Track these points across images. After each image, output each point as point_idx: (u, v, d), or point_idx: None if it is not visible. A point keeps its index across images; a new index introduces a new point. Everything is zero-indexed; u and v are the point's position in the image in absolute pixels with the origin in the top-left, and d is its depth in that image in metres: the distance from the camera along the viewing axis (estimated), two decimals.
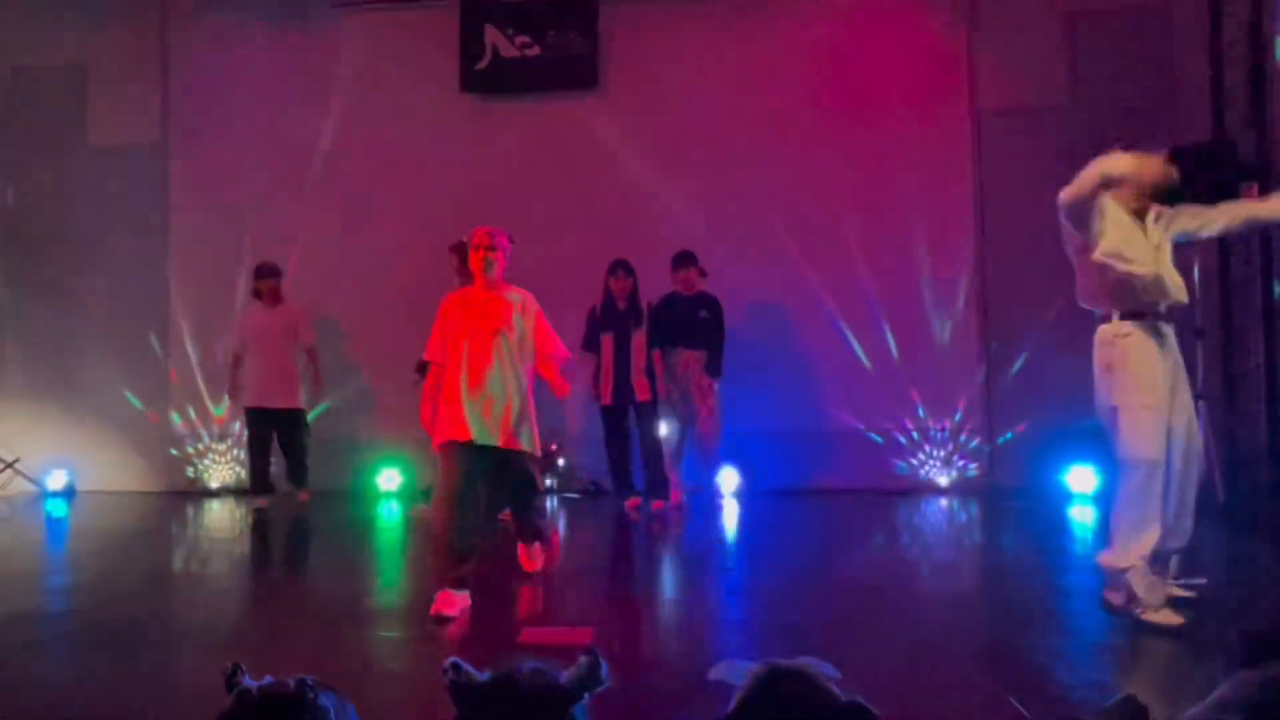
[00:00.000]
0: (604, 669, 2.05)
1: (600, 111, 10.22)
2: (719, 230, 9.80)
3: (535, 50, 10.23)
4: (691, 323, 8.97)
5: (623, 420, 8.96)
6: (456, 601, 5.46)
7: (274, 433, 9.53)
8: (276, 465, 9.62)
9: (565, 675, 2.07)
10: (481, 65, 10.26)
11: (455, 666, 2.00)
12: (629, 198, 10.10)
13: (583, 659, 2.07)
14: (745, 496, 9.33)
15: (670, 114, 10.16)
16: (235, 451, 10.41)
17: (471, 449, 5.62)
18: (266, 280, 9.46)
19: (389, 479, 10.11)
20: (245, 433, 9.62)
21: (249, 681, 2.14)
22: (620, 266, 8.82)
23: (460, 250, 8.06)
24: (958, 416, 9.78)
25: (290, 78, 10.50)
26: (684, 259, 9.05)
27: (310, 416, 9.75)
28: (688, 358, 9.01)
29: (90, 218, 10.61)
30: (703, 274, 9.07)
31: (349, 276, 10.17)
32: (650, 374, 8.96)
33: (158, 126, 10.65)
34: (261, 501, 9.34)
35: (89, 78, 10.64)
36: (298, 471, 9.69)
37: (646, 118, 10.19)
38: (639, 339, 8.84)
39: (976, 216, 9.80)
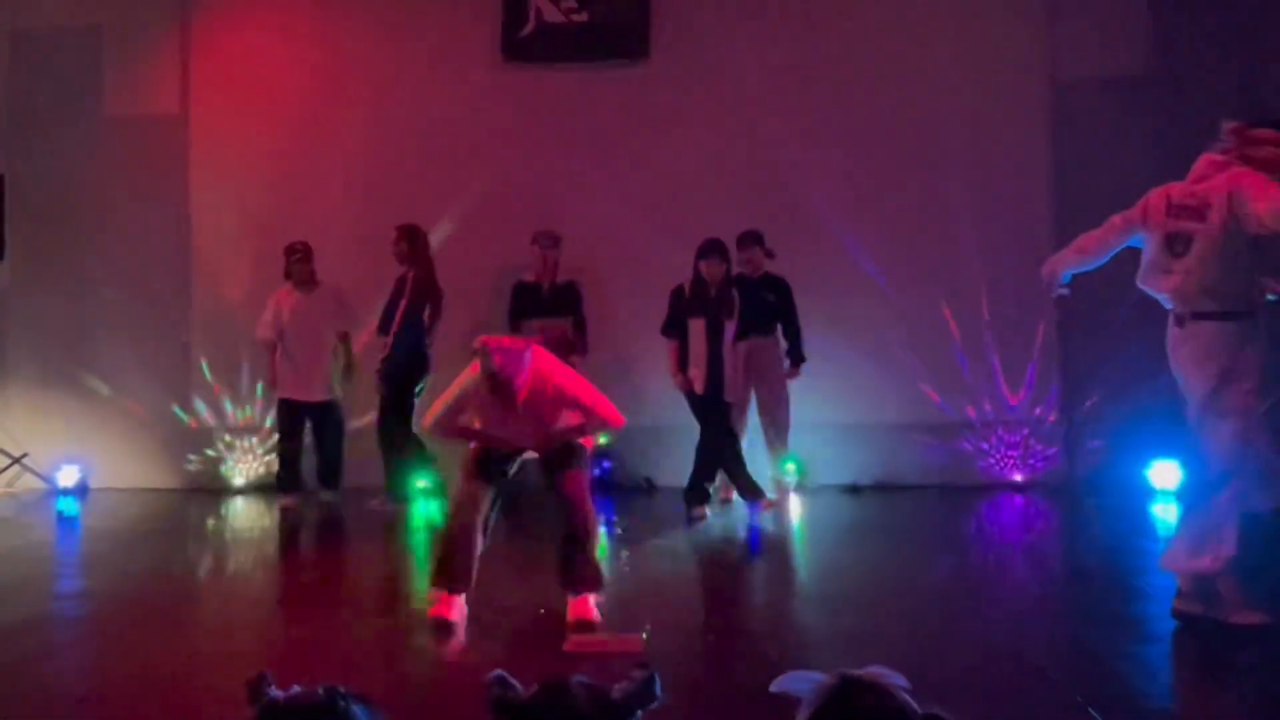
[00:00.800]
0: (658, 684, 2.00)
1: (651, 82, 10.15)
2: (775, 209, 9.66)
3: (583, 16, 10.17)
4: (760, 308, 8.88)
5: (724, 410, 8.62)
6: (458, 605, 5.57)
7: (306, 427, 9.55)
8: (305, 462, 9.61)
9: (617, 690, 2.02)
10: (525, 32, 10.19)
11: (500, 681, 1.96)
12: (678, 174, 10.03)
13: (636, 672, 2.03)
14: (809, 493, 9.26)
15: (725, 84, 10.08)
16: (264, 446, 10.34)
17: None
18: (299, 261, 9.45)
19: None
20: (276, 426, 9.61)
21: (275, 692, 2.12)
22: (715, 250, 8.43)
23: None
24: (1033, 408, 9.73)
25: (321, 45, 10.46)
26: (748, 239, 8.97)
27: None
28: (756, 346, 8.94)
29: (106, 193, 10.57)
30: (769, 255, 9.01)
31: (383, 257, 10.12)
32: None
33: (178, 96, 10.57)
34: (288, 500, 9.35)
35: (105, 41, 10.57)
36: (331, 470, 9.62)
37: (699, 89, 10.10)
38: (733, 329, 8.57)
39: (1053, 193, 9.69)
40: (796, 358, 8.96)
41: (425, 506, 8.98)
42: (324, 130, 10.42)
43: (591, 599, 5.47)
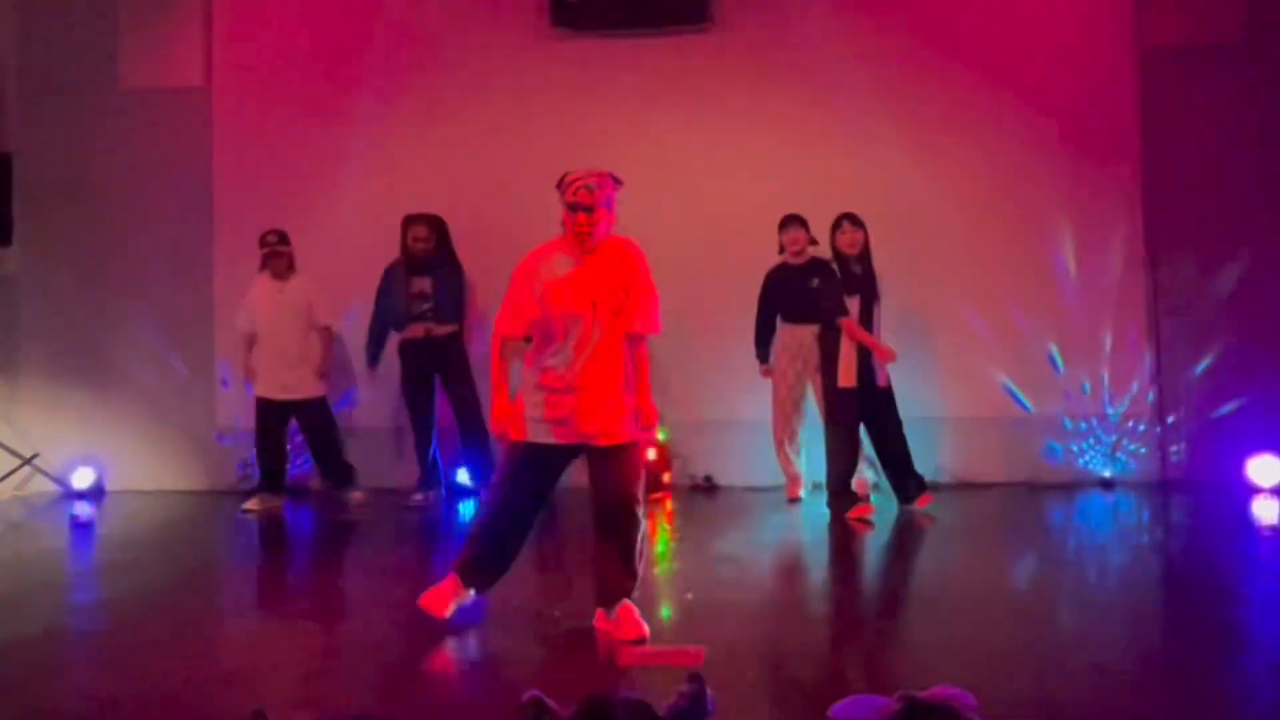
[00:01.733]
0: (709, 699, 1.95)
1: (711, 51, 10.00)
2: (845, 188, 9.48)
3: None
4: (802, 294, 8.87)
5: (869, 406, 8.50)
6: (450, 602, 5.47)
7: (288, 427, 9.55)
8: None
9: (665, 707, 1.97)
10: None
11: (537, 703, 1.92)
12: (739, 149, 9.92)
13: (686, 687, 2.00)
14: (884, 492, 9.07)
15: (791, 54, 9.91)
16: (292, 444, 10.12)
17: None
18: (271, 255, 9.39)
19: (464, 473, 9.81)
20: (255, 425, 9.51)
21: None
22: (847, 217, 8.49)
23: None
24: (1123, 399, 9.58)
25: (355, 9, 10.33)
26: (791, 221, 9.03)
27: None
28: (801, 334, 8.97)
29: (122, 172, 10.45)
30: (814, 241, 8.96)
31: None
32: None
33: (201, 66, 10.46)
34: (253, 503, 9.27)
35: (121, 8, 10.45)
36: (334, 469, 9.65)
37: (764, 58, 9.94)
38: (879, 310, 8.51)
39: (1142, 168, 9.57)
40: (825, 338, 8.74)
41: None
42: (357, 101, 10.27)
43: (635, 610, 5.25)
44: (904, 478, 8.53)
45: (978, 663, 4.77)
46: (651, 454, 8.65)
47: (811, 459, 9.09)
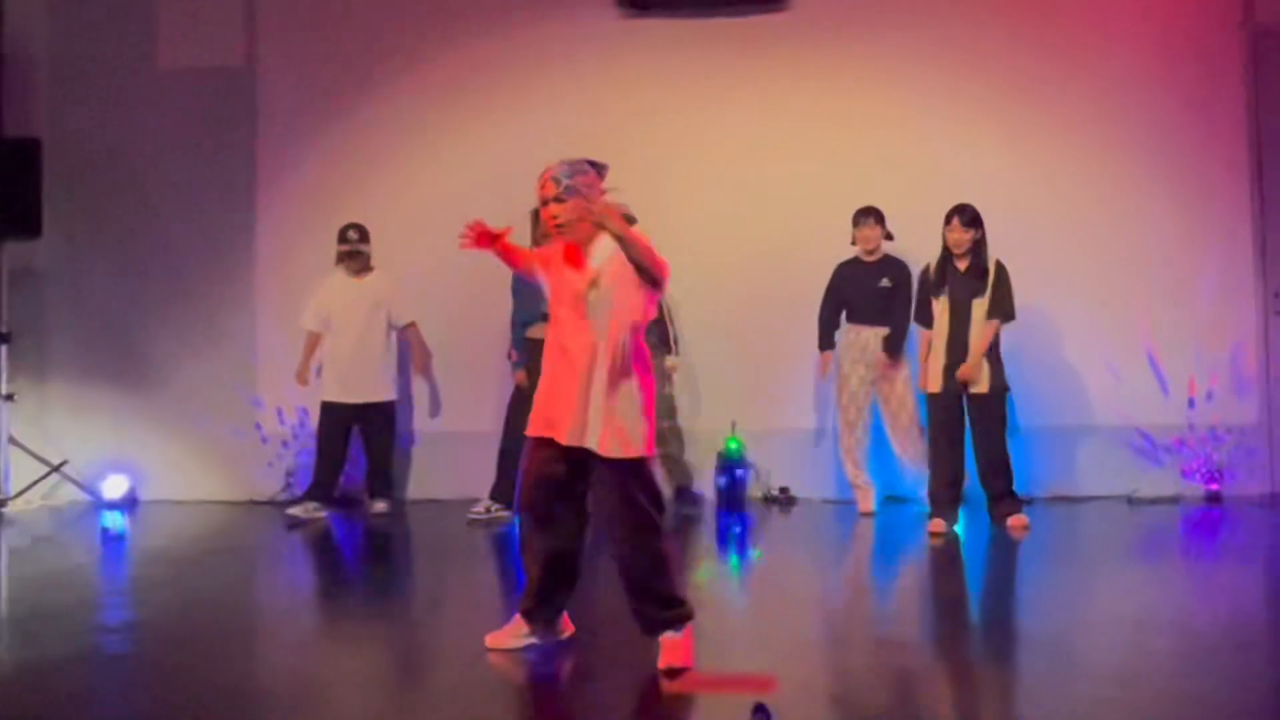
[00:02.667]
0: None
1: (790, 34, 9.90)
2: (926, 182, 9.45)
3: None
4: (871, 293, 8.95)
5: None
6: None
7: (352, 432, 9.59)
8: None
9: None
10: None
11: None
12: (815, 137, 9.83)
13: (751, 717, 1.77)
14: (969, 504, 8.90)
15: (876, 38, 9.83)
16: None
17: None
18: (354, 247, 9.46)
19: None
20: (317, 430, 9.64)
21: None
22: (958, 211, 8.24)
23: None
24: (1231, 407, 9.44)
25: None
26: (865, 215, 9.03)
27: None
28: (866, 336, 8.96)
29: (159, 159, 10.39)
30: (889, 236, 8.99)
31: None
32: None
33: (243, 46, 10.41)
34: (299, 509, 9.30)
35: None
36: (382, 477, 9.70)
37: (846, 42, 9.87)
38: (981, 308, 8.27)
39: (1250, 155, 9.47)
40: (891, 348, 8.88)
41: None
42: (409, 83, 10.24)
43: (677, 638, 5.04)
44: (993, 494, 8.28)
45: (1067, 691, 4.66)
46: None
47: (884, 470, 9.17)
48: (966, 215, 8.10)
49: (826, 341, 9.07)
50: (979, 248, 8.15)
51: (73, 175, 10.28)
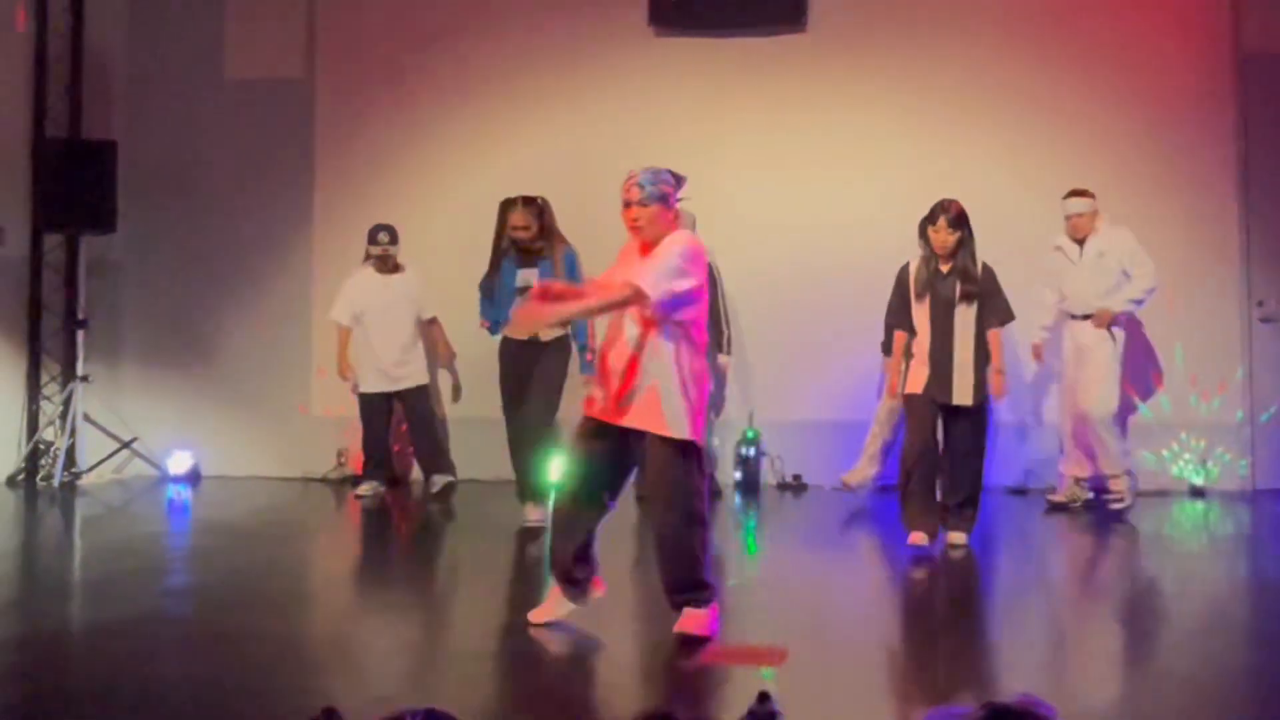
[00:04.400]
0: (779, 717, 1.87)
1: (807, 53, 9.92)
2: (938, 189, 9.20)
3: None
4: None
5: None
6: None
7: (393, 416, 9.71)
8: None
9: None
10: None
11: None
12: (833, 149, 9.84)
13: (756, 706, 1.92)
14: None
15: (888, 57, 9.84)
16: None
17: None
18: (385, 249, 9.48)
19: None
20: (362, 418, 9.62)
21: None
22: (943, 210, 7.18)
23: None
24: (1213, 406, 9.42)
25: (456, 9, 10.34)
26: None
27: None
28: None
29: (225, 162, 10.52)
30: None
31: None
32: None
33: (304, 58, 10.52)
34: (364, 488, 9.40)
35: (227, 0, 10.57)
36: (435, 454, 9.73)
37: (860, 61, 9.88)
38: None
39: (1239, 177, 9.46)
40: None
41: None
42: (456, 95, 10.27)
43: (696, 613, 5.07)
44: (954, 503, 7.16)
45: (1064, 670, 4.84)
46: None
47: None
48: (952, 214, 7.08)
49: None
50: (963, 249, 7.12)
51: (145, 175, 10.34)
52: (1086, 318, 8.51)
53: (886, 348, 8.06)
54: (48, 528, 9.01)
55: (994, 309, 7.18)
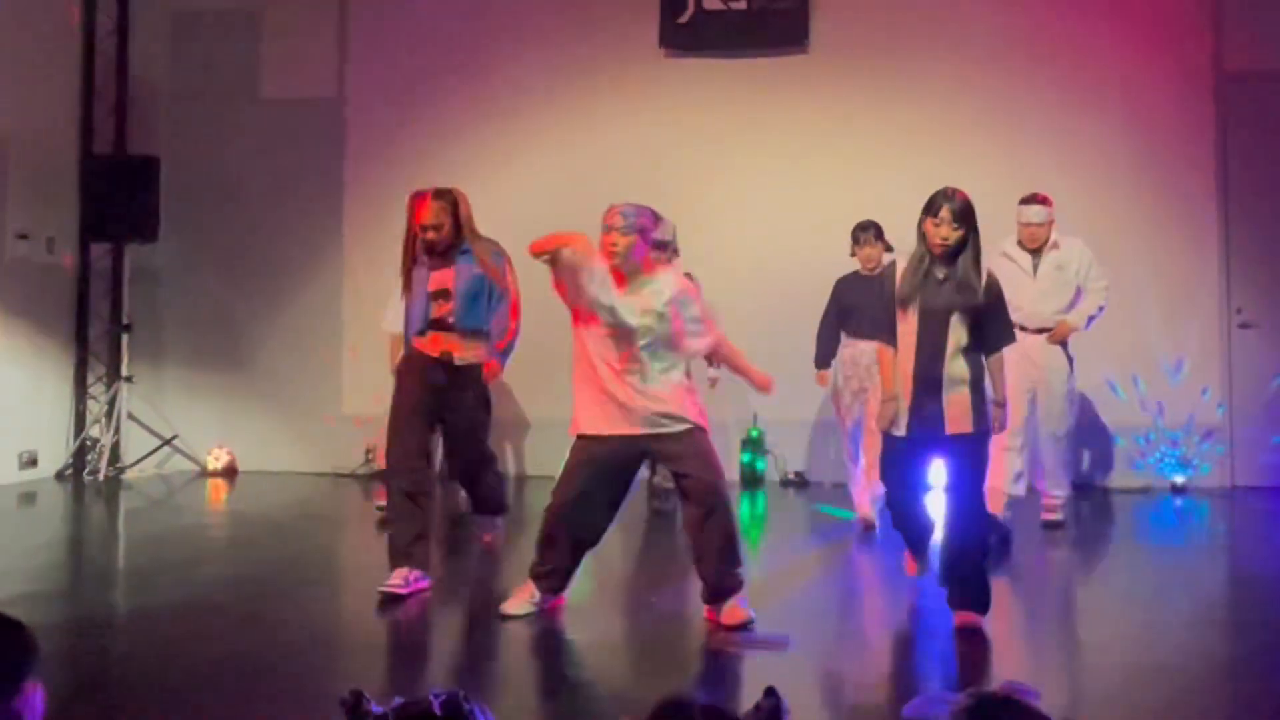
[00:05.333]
0: (785, 712, 2.00)
1: (810, 74, 9.99)
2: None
3: (741, 3, 9.99)
4: (876, 308, 7.26)
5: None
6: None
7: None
8: None
9: (743, 717, 2.01)
10: (683, 19, 10.07)
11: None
12: (835, 165, 9.90)
13: (763, 701, 2.01)
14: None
15: (886, 76, 9.89)
16: None
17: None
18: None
19: None
20: None
21: (376, 707, 2.04)
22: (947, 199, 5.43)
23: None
24: (1194, 407, 9.45)
25: (478, 31, 10.42)
26: (864, 231, 8.00)
27: None
28: (864, 349, 7.56)
29: (261, 176, 10.62)
30: (889, 249, 7.88)
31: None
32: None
33: (335, 79, 10.63)
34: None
35: (263, 23, 10.66)
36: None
37: (860, 80, 9.93)
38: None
39: (1219, 191, 9.51)
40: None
41: None
42: (477, 115, 10.34)
43: (727, 604, 5.24)
44: (959, 576, 5.39)
45: (1049, 661, 4.89)
46: None
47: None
48: (957, 204, 5.39)
49: (827, 359, 8.04)
50: (966, 251, 5.41)
51: (186, 189, 10.41)
52: (1040, 332, 7.51)
53: (824, 360, 8.05)
54: (94, 519, 9.15)
55: (998, 330, 5.52)
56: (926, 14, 9.89)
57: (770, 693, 2.01)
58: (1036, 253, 7.66)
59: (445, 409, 6.19)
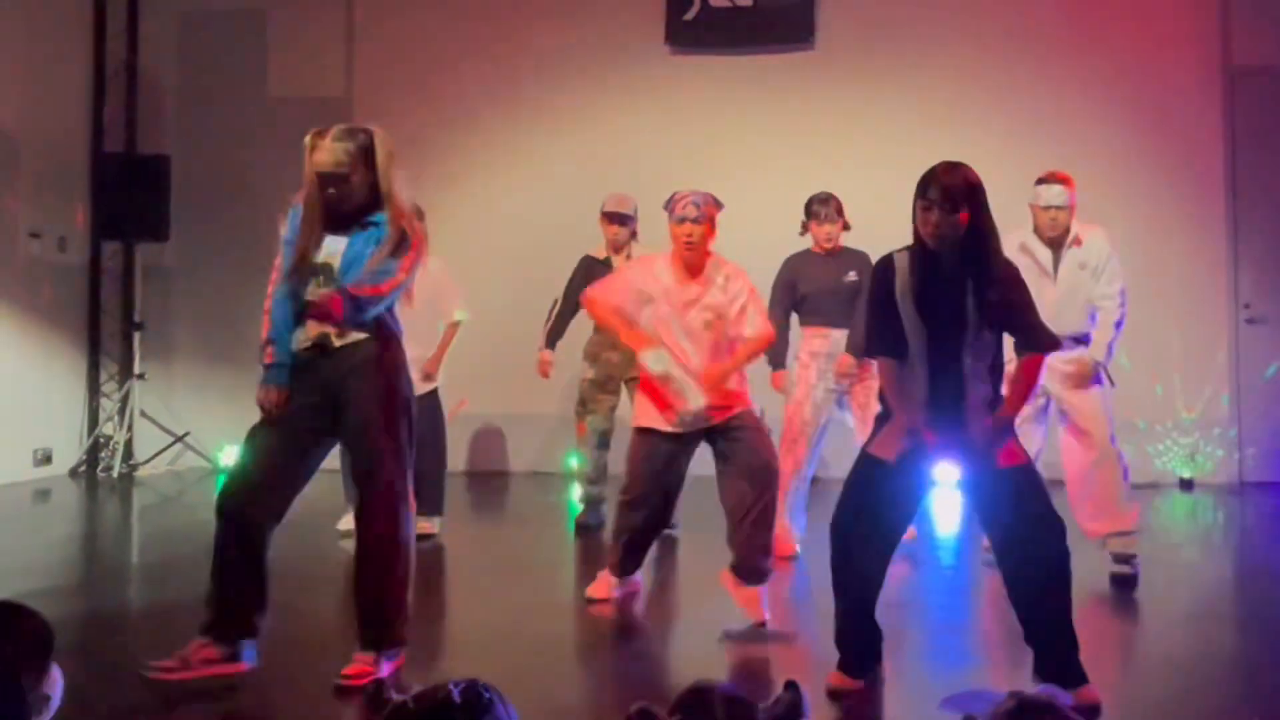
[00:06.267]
0: (807, 705, 1.97)
1: (815, 69, 10.00)
2: None
3: (747, 0, 10.03)
4: (836, 291, 6.76)
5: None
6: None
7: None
8: None
9: (763, 710, 1.99)
10: (689, 16, 10.11)
11: (644, 714, 1.93)
12: (843, 160, 9.74)
13: (783, 694, 2.00)
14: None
15: (891, 71, 9.88)
16: None
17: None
18: None
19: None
20: None
21: (397, 696, 2.04)
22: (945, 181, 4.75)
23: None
24: (1200, 402, 9.44)
25: (484, 29, 10.46)
26: (824, 204, 6.91)
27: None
28: (838, 338, 6.73)
29: (269, 175, 10.32)
30: (847, 226, 6.96)
31: (551, 247, 10.17)
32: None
33: (342, 78, 10.69)
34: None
35: (269, 24, 10.72)
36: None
37: (865, 75, 9.93)
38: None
39: (1227, 186, 9.51)
40: (856, 351, 6.48)
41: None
42: (484, 113, 10.39)
43: (755, 592, 5.23)
44: (1047, 652, 4.17)
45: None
46: None
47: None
48: (950, 184, 4.29)
49: (782, 356, 6.80)
50: (979, 241, 4.27)
51: (196, 188, 10.46)
52: (1076, 341, 6.15)
53: (778, 359, 6.74)
54: (108, 516, 9.17)
55: (1034, 333, 4.36)
56: (931, 9, 9.94)
57: (790, 685, 2.01)
58: (1057, 245, 6.26)
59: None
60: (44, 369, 10.16)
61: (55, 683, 2.29)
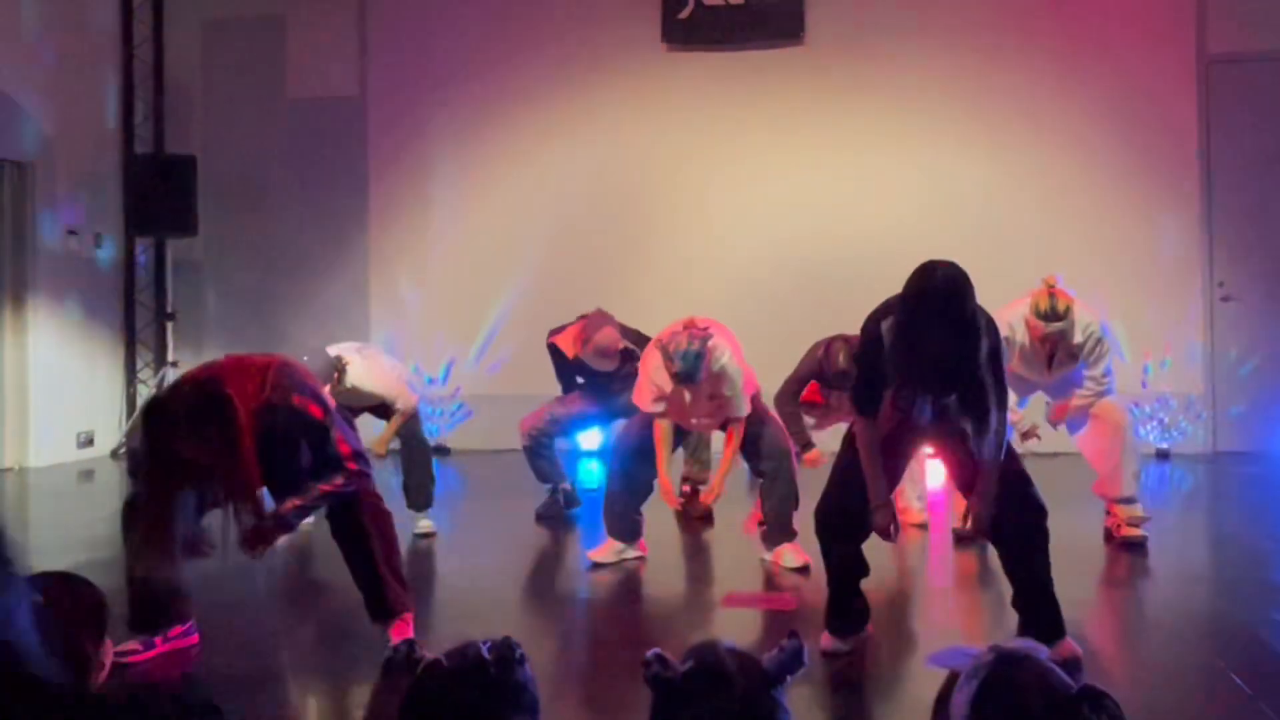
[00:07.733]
0: (806, 653, 2.03)
1: (805, 66, 9.98)
2: (929, 202, 9.57)
3: None
4: None
5: None
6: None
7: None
8: None
9: (767, 659, 2.05)
10: (684, 14, 10.17)
11: (659, 659, 1.97)
12: (833, 154, 9.91)
13: (786, 643, 2.04)
14: None
15: (878, 67, 9.86)
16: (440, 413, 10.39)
17: None
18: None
19: (589, 435, 9.23)
20: None
21: (428, 655, 2.02)
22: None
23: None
24: (1177, 375, 9.47)
25: (488, 30, 10.51)
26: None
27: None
28: None
29: (289, 173, 10.81)
30: None
31: (554, 246, 10.27)
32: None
33: (357, 79, 10.79)
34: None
35: (287, 28, 10.83)
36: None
37: (854, 71, 9.91)
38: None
39: (1203, 170, 9.51)
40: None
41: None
42: (495, 113, 10.41)
43: (780, 552, 5.62)
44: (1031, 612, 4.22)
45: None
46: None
47: None
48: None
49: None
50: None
51: (221, 186, 10.67)
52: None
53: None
54: None
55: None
56: (917, 5, 9.91)
57: (792, 634, 2.04)
58: (1050, 351, 6.01)
59: None
60: (85, 358, 10.33)
61: (109, 651, 2.35)
